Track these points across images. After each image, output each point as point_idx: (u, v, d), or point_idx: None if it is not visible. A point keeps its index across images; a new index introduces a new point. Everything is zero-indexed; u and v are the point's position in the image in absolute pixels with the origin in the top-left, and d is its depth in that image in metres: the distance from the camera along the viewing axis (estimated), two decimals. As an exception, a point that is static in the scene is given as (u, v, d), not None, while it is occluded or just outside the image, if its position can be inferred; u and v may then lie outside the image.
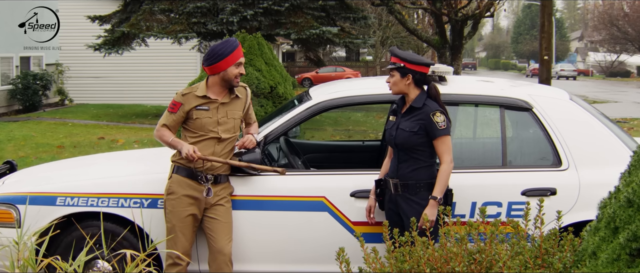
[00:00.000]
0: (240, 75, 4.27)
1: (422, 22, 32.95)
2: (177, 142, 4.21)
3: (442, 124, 3.95)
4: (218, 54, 4.17)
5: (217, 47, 4.22)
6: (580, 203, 4.20)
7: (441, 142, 3.97)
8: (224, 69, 4.19)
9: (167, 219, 4.22)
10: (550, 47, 15.18)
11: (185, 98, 4.25)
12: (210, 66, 4.22)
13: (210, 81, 4.29)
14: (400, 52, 4.12)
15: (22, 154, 11.00)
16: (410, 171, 4.03)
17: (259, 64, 10.89)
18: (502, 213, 4.22)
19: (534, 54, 69.81)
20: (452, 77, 4.76)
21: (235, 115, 4.34)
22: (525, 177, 4.31)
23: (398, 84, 4.10)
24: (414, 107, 4.06)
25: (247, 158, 4.25)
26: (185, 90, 4.32)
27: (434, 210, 3.86)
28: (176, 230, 4.16)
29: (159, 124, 4.30)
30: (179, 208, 4.17)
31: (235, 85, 4.27)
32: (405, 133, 4.03)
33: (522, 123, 4.64)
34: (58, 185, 4.52)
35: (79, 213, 4.39)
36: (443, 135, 3.97)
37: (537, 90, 4.76)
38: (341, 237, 4.25)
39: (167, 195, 4.22)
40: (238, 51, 4.22)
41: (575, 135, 4.35)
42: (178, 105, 4.25)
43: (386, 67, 4.27)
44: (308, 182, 4.44)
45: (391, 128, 4.14)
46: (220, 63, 4.18)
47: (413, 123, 4.01)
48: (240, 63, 4.24)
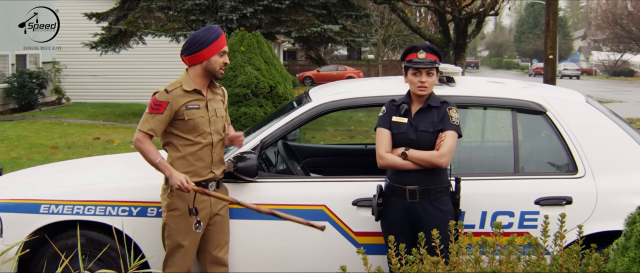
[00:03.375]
0: (225, 65, 3.91)
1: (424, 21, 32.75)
2: (165, 167, 3.74)
3: (455, 120, 3.79)
4: (201, 41, 3.78)
5: (199, 34, 3.83)
6: (597, 212, 4.00)
7: (447, 135, 3.77)
8: (207, 58, 3.81)
9: (168, 237, 3.85)
10: (555, 46, 15.04)
11: (172, 95, 3.77)
12: (191, 55, 3.82)
13: (192, 73, 3.88)
14: (436, 48, 3.92)
15: (15, 155, 10.79)
16: (431, 175, 3.79)
17: (258, 62, 10.66)
18: (514, 224, 4.02)
19: (536, 52, 69.80)
20: (460, 78, 4.54)
21: (222, 113, 4.01)
22: (538, 184, 4.10)
23: (433, 84, 3.90)
24: (431, 106, 3.86)
25: (243, 166, 3.99)
26: (170, 86, 3.82)
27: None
28: (182, 248, 3.83)
29: (140, 131, 3.76)
30: (185, 225, 3.82)
31: (219, 77, 3.90)
32: (429, 134, 3.81)
33: (535, 127, 4.43)
34: (42, 192, 4.30)
35: (63, 222, 4.17)
36: (452, 129, 3.78)
37: (551, 92, 4.55)
38: (343, 248, 4.08)
39: (168, 211, 3.83)
40: (222, 39, 3.86)
41: (592, 140, 4.15)
42: (164, 104, 3.73)
43: (419, 65, 3.85)
44: (307, 189, 4.24)
45: (406, 131, 3.86)
46: (203, 51, 3.79)
47: (435, 122, 3.81)
48: (224, 52, 3.87)
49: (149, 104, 3.79)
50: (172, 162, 3.83)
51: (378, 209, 3.87)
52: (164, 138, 3.88)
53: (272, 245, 4.15)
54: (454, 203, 3.83)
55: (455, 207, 3.83)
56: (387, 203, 3.88)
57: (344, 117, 17.27)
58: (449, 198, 3.81)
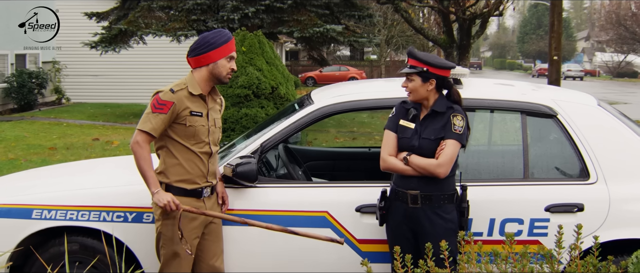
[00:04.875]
0: (232, 72, 3.75)
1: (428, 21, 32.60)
2: (152, 183, 3.57)
3: (458, 128, 3.63)
4: (209, 42, 3.62)
5: (209, 35, 3.66)
6: (610, 220, 3.87)
7: (447, 144, 3.62)
8: (215, 61, 3.64)
9: (163, 246, 3.69)
10: (560, 47, 14.89)
11: (178, 96, 3.59)
12: (197, 57, 3.65)
13: (197, 76, 3.71)
14: (420, 53, 3.75)
15: (12, 156, 10.65)
16: (434, 181, 3.65)
17: (260, 63, 10.51)
18: (524, 231, 3.90)
19: (540, 53, 69.65)
20: (468, 80, 4.39)
21: (219, 124, 3.87)
22: (549, 191, 3.97)
23: (419, 90, 3.72)
24: (436, 112, 3.72)
25: (242, 170, 3.84)
26: (176, 87, 3.63)
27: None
28: (178, 257, 3.67)
29: (140, 132, 3.56)
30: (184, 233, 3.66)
31: (225, 82, 3.74)
32: (430, 142, 3.68)
33: (545, 131, 4.28)
34: (35, 197, 4.16)
35: (56, 227, 4.03)
36: (453, 138, 3.62)
37: (562, 94, 4.41)
38: (345, 256, 3.95)
39: (163, 220, 3.65)
40: (231, 43, 3.69)
41: (605, 144, 4.01)
42: (169, 104, 3.54)
43: (400, 70, 3.83)
44: (309, 195, 4.10)
45: (411, 137, 3.73)
46: (210, 53, 3.62)
47: (438, 129, 3.68)
48: (232, 57, 3.70)
49: (151, 102, 3.60)
50: (166, 168, 3.68)
51: (381, 213, 3.78)
52: (159, 141, 3.70)
53: (271, 254, 4.01)
54: (460, 212, 3.69)
55: (461, 215, 3.69)
56: (390, 207, 3.78)
57: (346, 118, 17.14)
58: (453, 206, 3.68)
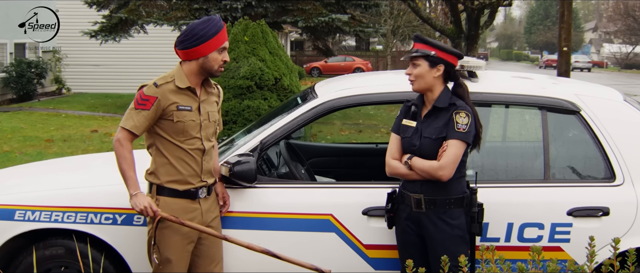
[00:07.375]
0: (224, 63, 3.46)
1: (435, 11, 32.25)
2: (131, 184, 3.34)
3: (462, 127, 3.32)
4: (198, 35, 3.34)
5: (197, 26, 3.37)
6: (638, 225, 3.62)
7: (450, 144, 3.32)
8: (205, 55, 3.36)
9: (156, 251, 3.42)
10: (569, 38, 14.69)
11: (162, 90, 3.35)
12: (186, 50, 3.37)
13: (186, 69, 3.44)
14: (428, 38, 3.44)
15: (7, 148, 10.43)
16: (438, 184, 3.37)
17: (263, 53, 10.21)
18: (544, 237, 3.65)
19: (547, 44, 69.25)
20: (483, 72, 4.09)
21: (215, 117, 3.58)
22: (571, 193, 3.72)
23: (425, 76, 3.40)
24: (438, 108, 3.41)
25: (240, 170, 3.57)
26: (160, 80, 3.40)
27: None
28: (170, 264, 3.42)
29: (122, 129, 3.36)
30: (175, 238, 3.41)
31: (216, 75, 3.47)
32: (431, 141, 3.39)
33: (567, 128, 4.00)
34: (17, 196, 3.90)
35: (40, 230, 3.78)
36: (456, 138, 3.31)
37: (585, 88, 4.13)
38: (351, 263, 3.71)
39: (155, 224, 3.40)
40: (222, 34, 3.40)
41: (632, 143, 3.75)
42: (152, 100, 3.32)
43: (405, 56, 3.54)
44: (312, 196, 3.84)
45: (412, 136, 3.46)
46: (199, 47, 3.34)
47: (440, 128, 3.38)
48: (224, 48, 3.42)
49: (135, 98, 3.37)
50: (157, 168, 3.43)
51: (388, 216, 3.54)
52: (148, 139, 3.46)
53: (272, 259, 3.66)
54: (470, 217, 3.41)
55: (472, 221, 3.41)
56: (397, 210, 3.54)
57: (352, 110, 16.87)
58: (461, 211, 3.39)
